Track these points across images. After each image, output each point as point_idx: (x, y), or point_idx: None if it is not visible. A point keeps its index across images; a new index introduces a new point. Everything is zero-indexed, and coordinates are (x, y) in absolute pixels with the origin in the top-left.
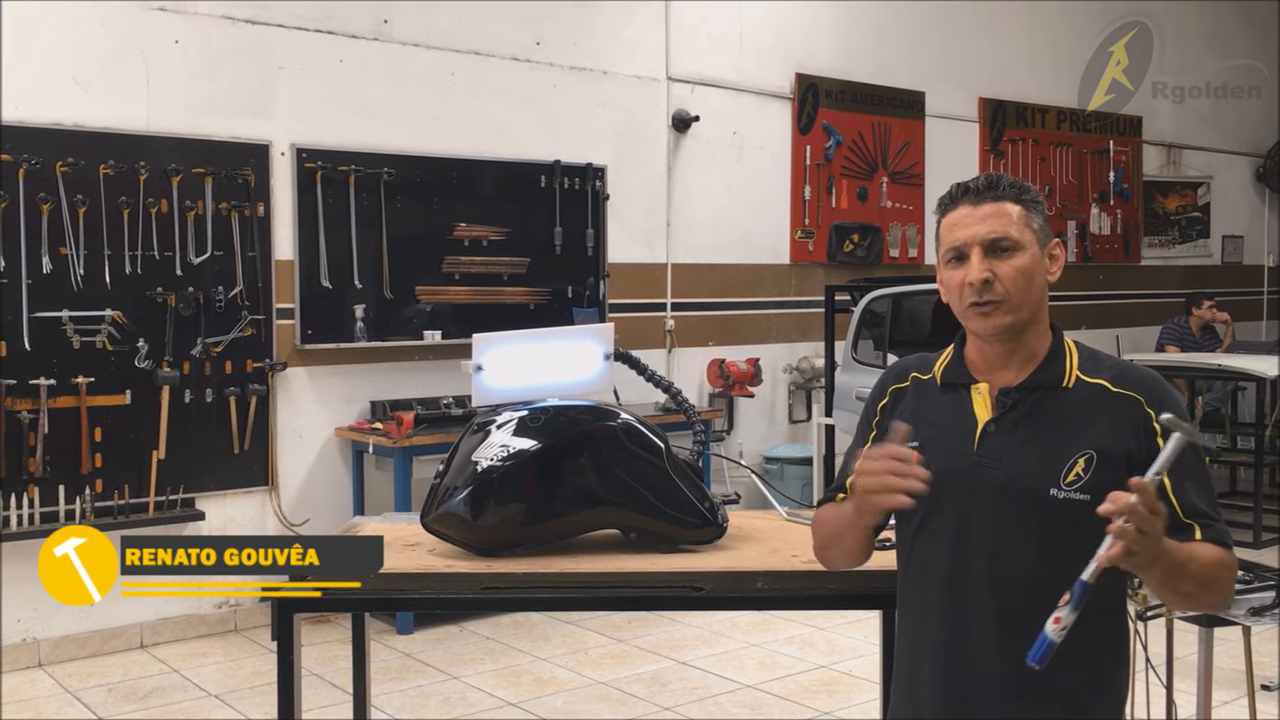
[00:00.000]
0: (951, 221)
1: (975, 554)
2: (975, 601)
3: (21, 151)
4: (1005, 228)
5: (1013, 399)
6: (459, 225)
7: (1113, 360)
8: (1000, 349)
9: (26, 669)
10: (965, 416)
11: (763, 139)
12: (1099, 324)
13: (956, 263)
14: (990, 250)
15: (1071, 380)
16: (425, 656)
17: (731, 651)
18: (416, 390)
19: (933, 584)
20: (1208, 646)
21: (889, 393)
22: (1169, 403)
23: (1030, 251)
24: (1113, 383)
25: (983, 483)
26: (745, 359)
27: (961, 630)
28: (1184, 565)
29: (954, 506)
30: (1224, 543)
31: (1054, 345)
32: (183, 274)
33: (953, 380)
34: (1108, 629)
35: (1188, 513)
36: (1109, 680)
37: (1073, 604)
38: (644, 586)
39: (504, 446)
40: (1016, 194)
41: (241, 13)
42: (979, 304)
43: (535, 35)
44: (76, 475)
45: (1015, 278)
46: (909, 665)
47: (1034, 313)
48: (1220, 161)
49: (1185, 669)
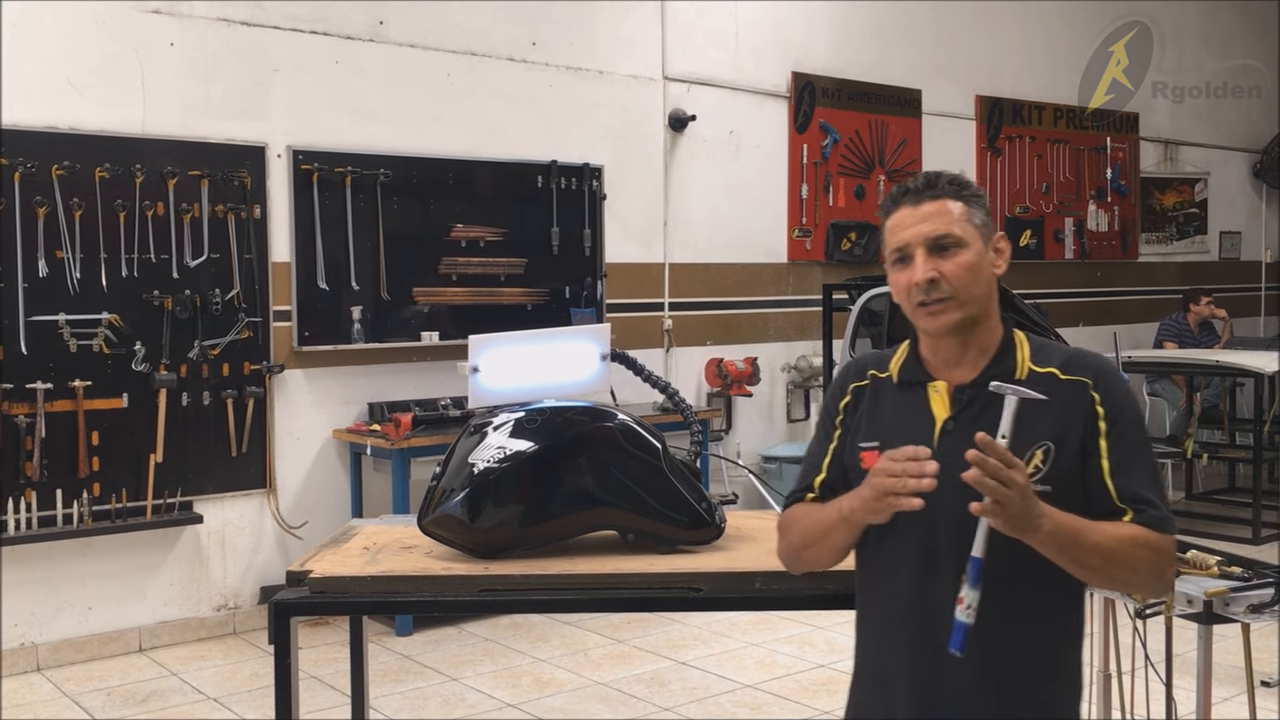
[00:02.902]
0: (894, 223)
1: (940, 550)
2: (943, 598)
3: (17, 155)
4: (947, 225)
5: (969, 396)
6: (456, 226)
7: (1062, 349)
8: (953, 346)
9: (25, 673)
10: (923, 415)
11: (759, 138)
12: (1097, 321)
13: (902, 264)
14: (934, 249)
15: (1024, 372)
16: (424, 658)
17: (731, 651)
18: (414, 392)
19: (899, 583)
20: (1207, 643)
21: (850, 390)
22: (1113, 386)
23: (974, 247)
24: (1062, 370)
25: (944, 480)
26: (743, 358)
27: (930, 628)
28: (1080, 534)
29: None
30: (1156, 527)
31: (1005, 339)
32: (179, 277)
33: (909, 378)
34: (1061, 616)
35: (1123, 497)
36: (1066, 667)
37: (970, 582)
38: (642, 587)
39: (501, 448)
40: (956, 191)
41: (237, 14)
42: (927, 303)
43: (531, 35)
44: (74, 479)
45: (960, 274)
46: (876, 664)
47: (983, 307)
48: (1217, 158)
49: (1184, 666)
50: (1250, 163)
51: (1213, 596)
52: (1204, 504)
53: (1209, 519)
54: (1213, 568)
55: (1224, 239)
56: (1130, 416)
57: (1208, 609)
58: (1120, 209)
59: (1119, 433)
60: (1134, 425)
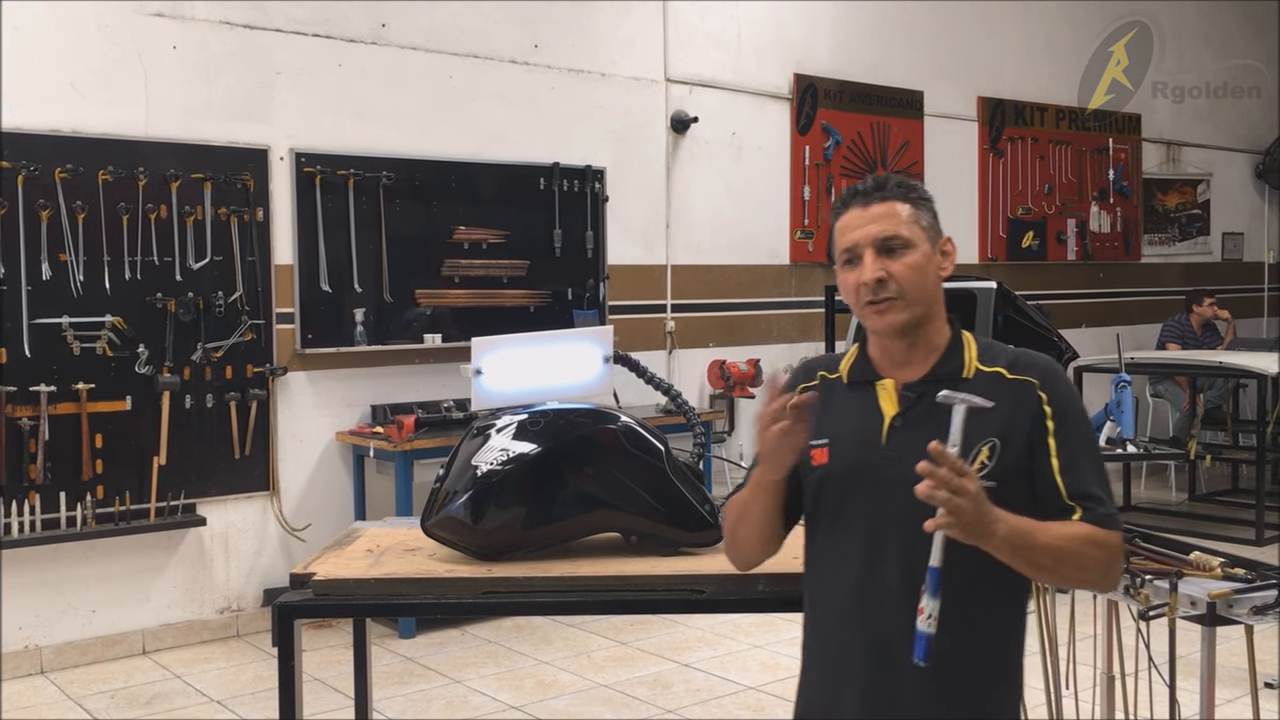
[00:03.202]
0: (844, 224)
1: (889, 547)
2: (891, 593)
3: (20, 158)
4: (895, 227)
5: (916, 393)
6: (458, 228)
7: (1008, 349)
8: (901, 345)
9: (29, 676)
10: (872, 413)
11: (761, 139)
12: (1099, 322)
13: (851, 265)
14: (882, 249)
15: (971, 371)
16: (427, 660)
17: (734, 653)
18: (417, 394)
19: (848, 579)
20: (1210, 645)
21: (798, 392)
22: (1059, 386)
23: (921, 249)
24: (1009, 369)
25: (892, 476)
26: (746, 360)
27: (878, 623)
28: (1032, 536)
29: (865, 501)
30: (1102, 523)
31: (952, 338)
32: (182, 279)
33: (858, 378)
34: (1007, 617)
35: (1072, 495)
36: (1011, 668)
37: (930, 592)
38: (645, 589)
39: (504, 450)
40: (904, 193)
41: (239, 17)
42: (875, 302)
43: (533, 38)
44: (77, 482)
45: (908, 274)
46: (823, 661)
47: (929, 308)
48: (1220, 158)
49: (1188, 667)
50: (1253, 164)
51: (1216, 598)
52: (1207, 505)
53: (1212, 520)
54: (1216, 569)
55: (1226, 240)
56: (1076, 415)
57: (1211, 611)
58: (1123, 210)
59: (1066, 431)
60: (1080, 423)
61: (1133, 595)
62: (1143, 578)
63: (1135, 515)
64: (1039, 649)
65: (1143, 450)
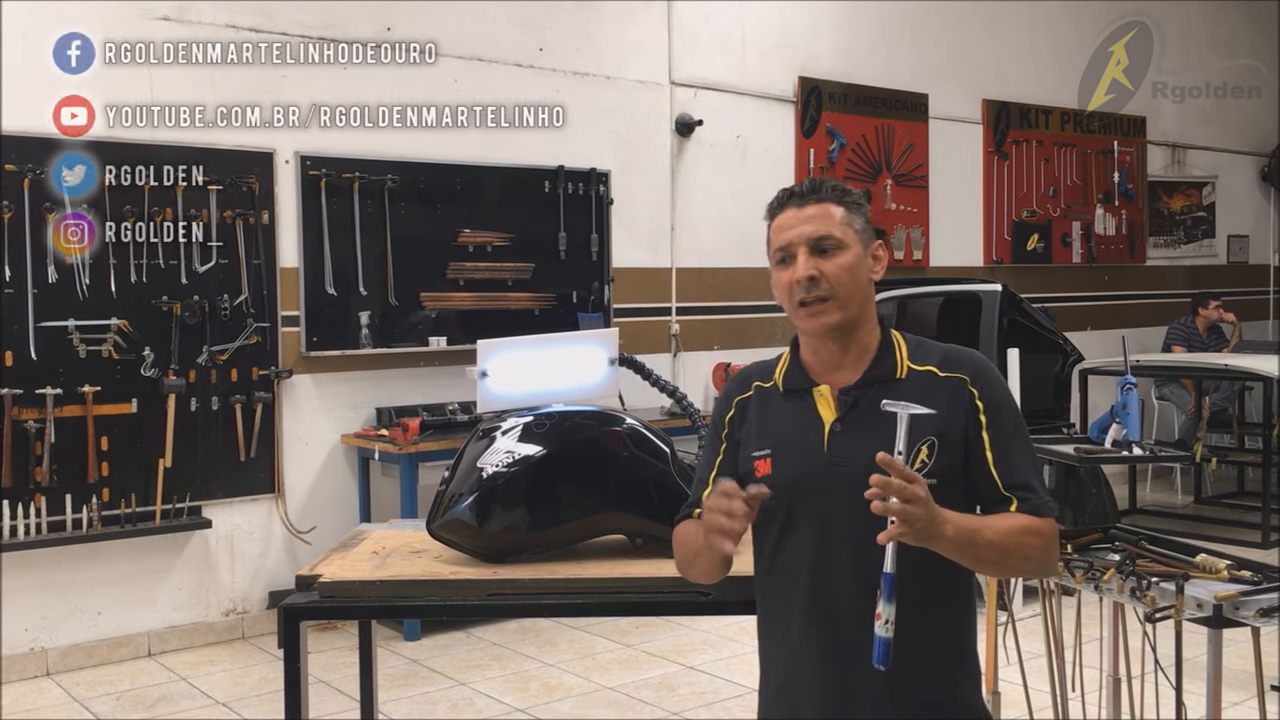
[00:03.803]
0: (779, 224)
1: (838, 551)
2: (842, 596)
3: (26, 161)
4: (829, 228)
5: (853, 397)
6: (463, 231)
7: (939, 346)
8: (834, 348)
9: (35, 678)
10: (811, 419)
11: (766, 142)
12: (1105, 325)
13: (784, 264)
14: (815, 249)
15: (904, 371)
16: (432, 663)
17: (739, 656)
18: (422, 396)
19: (798, 585)
20: (1217, 647)
21: (734, 404)
22: (989, 380)
23: (853, 250)
24: (940, 367)
25: (837, 481)
26: (751, 363)
27: (832, 627)
28: (977, 533)
29: (812, 507)
30: (1039, 513)
31: (883, 340)
32: (188, 282)
33: (794, 385)
34: (955, 602)
35: (1007, 485)
36: (967, 651)
37: (885, 597)
38: (650, 591)
39: (509, 452)
40: (839, 196)
41: (244, 21)
42: (807, 302)
43: (538, 41)
44: (83, 484)
45: (839, 274)
46: (780, 668)
47: (861, 309)
48: (1225, 161)
49: (1194, 670)
50: (1258, 166)
51: (1223, 600)
52: (1213, 508)
53: (1218, 523)
54: (1222, 571)
55: (1232, 242)
56: (1008, 408)
57: (1218, 613)
58: (1128, 212)
59: (999, 425)
60: (1011, 416)
61: (1139, 598)
62: (1149, 580)
63: (1141, 518)
64: (1044, 651)
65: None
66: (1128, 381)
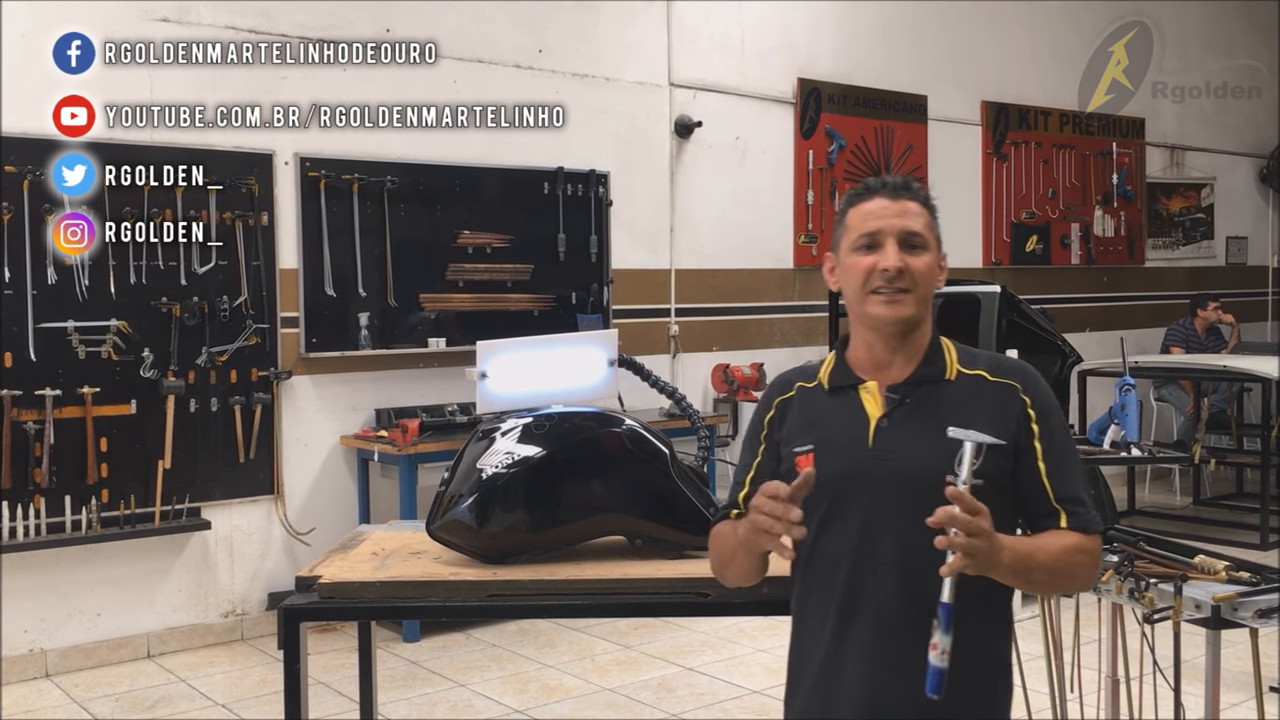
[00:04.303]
0: (867, 211)
1: (879, 547)
2: (882, 593)
3: (25, 163)
4: (919, 225)
5: (901, 394)
6: (463, 232)
7: (985, 353)
8: (890, 344)
9: (34, 679)
10: (857, 415)
11: (765, 144)
12: (1104, 326)
13: (867, 250)
14: (903, 243)
15: (953, 373)
16: (431, 664)
17: (738, 657)
18: (421, 398)
19: (837, 581)
20: (1215, 648)
21: (775, 406)
22: (1040, 390)
23: (933, 254)
24: (990, 373)
25: (881, 476)
26: (750, 364)
27: (872, 622)
28: (1031, 557)
29: (855, 502)
30: (1086, 529)
31: (934, 342)
32: (187, 284)
33: (840, 383)
34: (994, 611)
35: (1059, 498)
36: (1001, 660)
37: (942, 628)
38: (650, 593)
39: (509, 453)
40: (925, 199)
41: (244, 23)
42: (887, 290)
43: (538, 42)
44: (82, 485)
45: (924, 271)
46: (813, 665)
47: (927, 311)
48: (1224, 162)
49: (1193, 671)
50: (1257, 167)
51: (1221, 601)
52: (1211, 510)
53: (1216, 525)
54: (1221, 573)
55: (1231, 244)
56: (1059, 418)
57: (1216, 614)
58: (1127, 214)
59: (1051, 435)
60: (1062, 427)
61: (1137, 599)
62: (1148, 581)
63: (1139, 519)
64: (1044, 653)
65: (1147, 454)
66: (1126, 383)
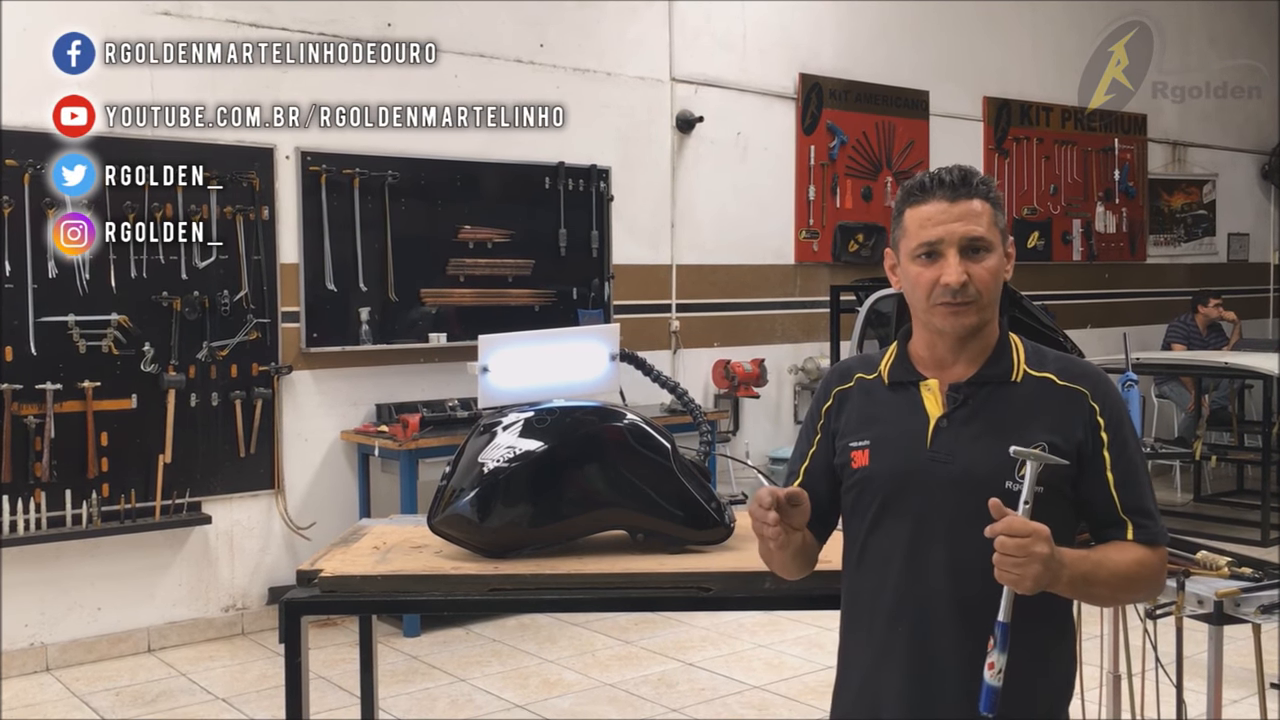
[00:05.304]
0: (925, 216)
1: (932, 548)
2: (933, 595)
3: (26, 156)
4: (980, 228)
5: (963, 394)
6: (464, 227)
7: (1056, 355)
8: (953, 344)
9: (34, 673)
10: (916, 413)
11: (767, 139)
12: (1105, 323)
13: (928, 259)
14: (965, 251)
15: (1020, 375)
16: (432, 659)
17: (739, 652)
18: (422, 393)
19: (888, 581)
20: (1217, 645)
21: (833, 395)
22: (1111, 397)
23: (999, 252)
24: (1059, 376)
25: (937, 478)
26: (750, 360)
27: (922, 625)
28: (1093, 574)
29: (909, 503)
30: (1154, 542)
31: (1001, 340)
32: (188, 278)
33: (901, 378)
34: (1052, 617)
35: (1126, 509)
36: (1061, 664)
37: (999, 647)
38: (651, 587)
39: (510, 448)
40: (986, 191)
41: (245, 17)
42: (951, 304)
43: (539, 37)
44: (83, 480)
45: (988, 279)
46: (862, 667)
47: (994, 311)
48: (1225, 159)
49: (1195, 667)
50: (1258, 164)
51: (1223, 597)
52: (1213, 506)
53: (1217, 521)
54: (1223, 568)
55: (1232, 240)
56: (1129, 428)
57: (1218, 610)
58: (1128, 210)
59: (1121, 444)
60: (1132, 436)
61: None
62: None
63: None
64: None
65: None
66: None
